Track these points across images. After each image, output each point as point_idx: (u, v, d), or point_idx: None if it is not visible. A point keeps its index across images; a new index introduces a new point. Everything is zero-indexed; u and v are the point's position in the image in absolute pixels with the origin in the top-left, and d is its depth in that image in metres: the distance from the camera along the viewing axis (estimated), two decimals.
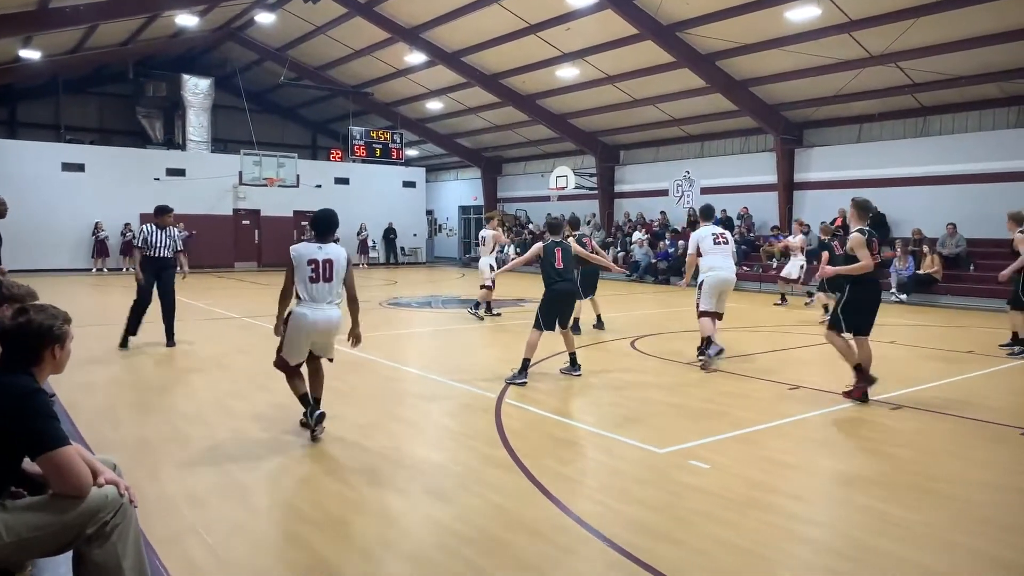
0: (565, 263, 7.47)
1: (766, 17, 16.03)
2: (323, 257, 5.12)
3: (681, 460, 4.92)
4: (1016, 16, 13.76)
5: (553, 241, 7.62)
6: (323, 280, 5.11)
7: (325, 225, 5.25)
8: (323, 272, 5.11)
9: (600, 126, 25.27)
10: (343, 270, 5.20)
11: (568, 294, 7.56)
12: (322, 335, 5.22)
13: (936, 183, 17.86)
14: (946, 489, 4.40)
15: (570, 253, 7.62)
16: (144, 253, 8.95)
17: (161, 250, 9.01)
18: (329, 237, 5.25)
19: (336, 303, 5.23)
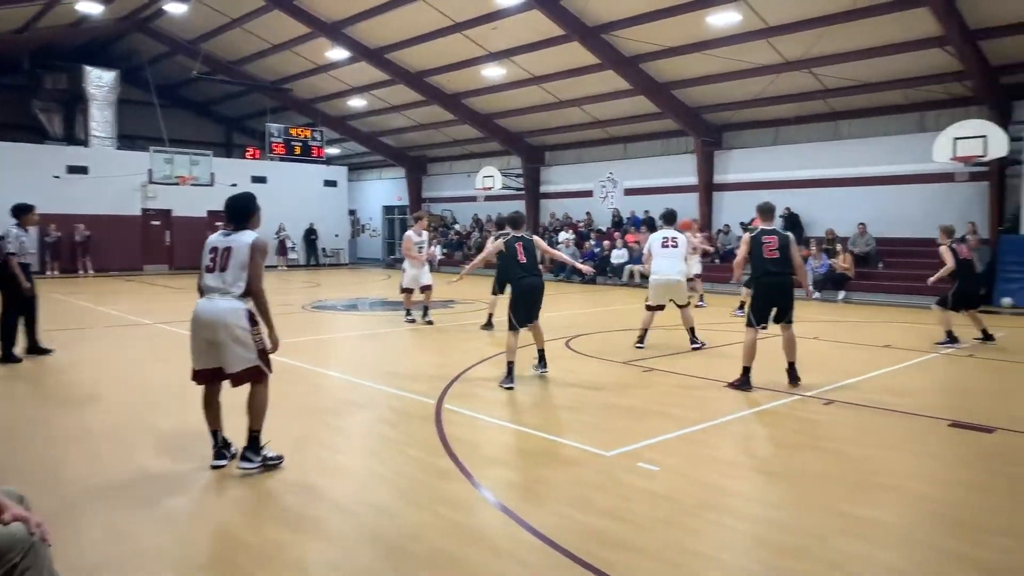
0: (528, 257, 7.34)
1: (689, 21, 16.35)
2: (224, 245, 4.49)
3: (629, 463, 4.83)
4: (919, 27, 14.50)
5: (514, 236, 7.49)
6: (218, 269, 4.46)
7: (231, 210, 4.61)
8: (219, 260, 4.46)
9: (526, 127, 25.27)
10: (244, 258, 4.43)
11: (535, 288, 7.39)
12: (207, 329, 4.41)
13: (847, 185, 18.68)
14: (894, 484, 4.46)
15: (532, 247, 7.45)
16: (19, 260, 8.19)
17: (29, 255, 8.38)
18: (240, 224, 4.57)
19: (230, 294, 4.43)
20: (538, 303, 7.44)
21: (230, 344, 4.38)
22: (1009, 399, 7.18)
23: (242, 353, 4.41)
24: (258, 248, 4.47)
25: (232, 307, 4.41)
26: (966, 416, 6.05)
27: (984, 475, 4.68)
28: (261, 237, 4.54)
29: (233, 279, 4.44)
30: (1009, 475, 4.68)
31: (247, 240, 4.48)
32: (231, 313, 4.40)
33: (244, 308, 4.45)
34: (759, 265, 7.14)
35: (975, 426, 5.74)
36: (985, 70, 15.18)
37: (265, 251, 4.52)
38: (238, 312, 4.42)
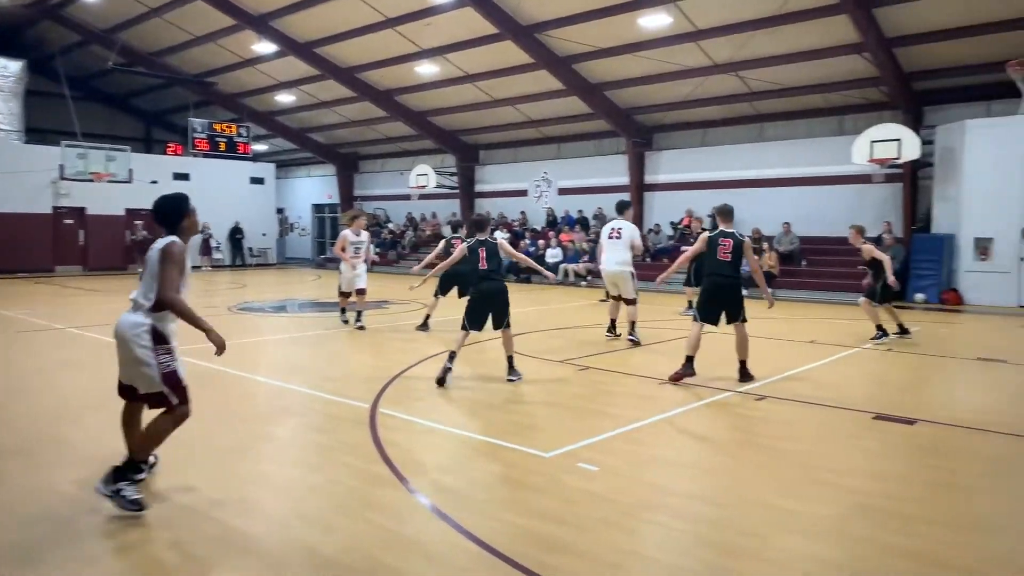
0: (489, 262, 7.31)
1: (621, 23, 16.54)
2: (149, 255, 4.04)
3: (569, 463, 4.78)
4: (839, 34, 15.07)
5: (478, 240, 7.44)
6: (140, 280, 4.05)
7: (157, 213, 4.12)
8: (143, 270, 4.04)
9: (460, 125, 25.12)
10: (155, 267, 3.95)
11: (495, 293, 7.34)
12: (118, 348, 3.99)
13: (772, 185, 19.27)
14: (827, 478, 4.55)
15: (495, 251, 7.40)
16: None
17: None
18: (170, 228, 4.09)
19: (140, 308, 3.95)
20: (497, 307, 7.33)
21: (133, 363, 3.93)
22: (926, 391, 7.51)
23: (146, 373, 3.92)
24: (167, 254, 3.92)
25: (134, 322, 3.93)
26: (889, 409, 6.27)
27: (909, 466, 4.84)
28: (176, 242, 4.00)
29: (145, 290, 3.98)
30: (932, 466, 4.85)
31: (160, 244, 3.99)
32: (131, 328, 3.92)
33: (147, 324, 3.92)
34: (711, 265, 7.31)
35: (897, 418, 5.94)
36: (899, 76, 15.91)
37: (176, 257, 3.94)
38: (138, 328, 3.91)
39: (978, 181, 15.05)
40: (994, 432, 5.61)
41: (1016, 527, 3.89)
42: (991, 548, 3.61)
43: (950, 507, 4.11)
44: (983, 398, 7.13)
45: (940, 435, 5.58)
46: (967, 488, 4.44)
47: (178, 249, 3.98)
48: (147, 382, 3.94)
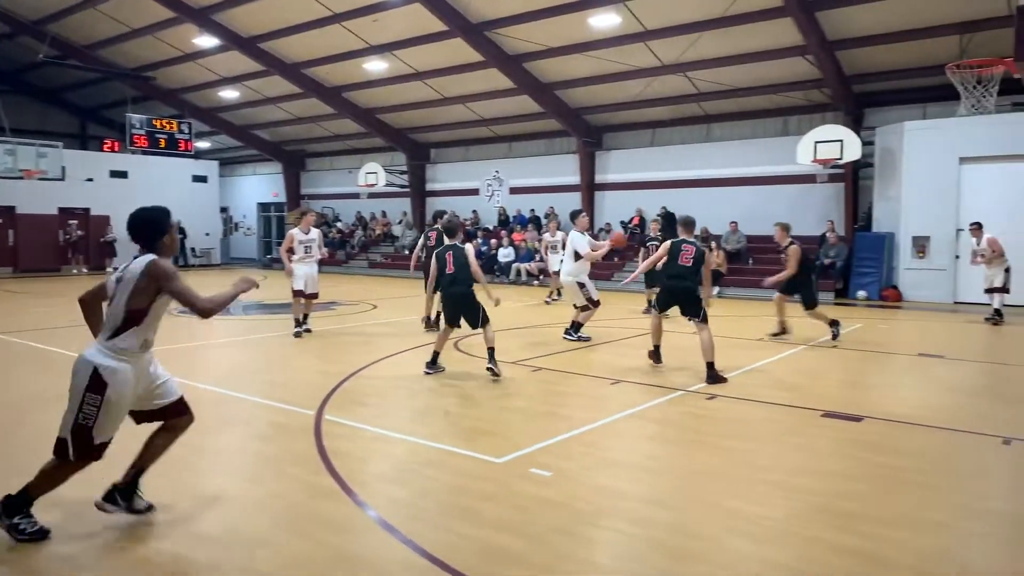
0: (456, 267, 7.41)
1: (570, 22, 16.55)
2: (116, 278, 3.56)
3: (522, 469, 4.68)
4: (784, 36, 15.37)
5: (446, 245, 7.62)
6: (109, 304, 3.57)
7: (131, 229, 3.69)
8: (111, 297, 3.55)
9: (410, 123, 24.83)
10: (127, 288, 3.47)
11: (458, 297, 7.48)
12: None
13: (720, 185, 19.57)
14: (778, 478, 4.55)
15: (463, 257, 7.46)
16: None
17: None
18: (145, 245, 3.62)
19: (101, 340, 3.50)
20: (468, 311, 7.45)
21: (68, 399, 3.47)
22: (871, 388, 7.65)
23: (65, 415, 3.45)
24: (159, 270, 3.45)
25: (84, 358, 3.46)
26: (836, 406, 6.35)
27: (858, 465, 4.88)
28: (160, 259, 3.52)
29: (110, 320, 3.49)
30: (880, 464, 4.90)
31: (140, 267, 3.47)
32: (79, 364, 3.45)
33: (92, 364, 3.42)
34: (671, 268, 7.78)
35: (845, 415, 6.02)
36: (841, 78, 16.31)
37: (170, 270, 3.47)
38: (84, 367, 3.42)
39: (916, 181, 15.53)
40: (936, 427, 5.73)
41: (956, 523, 3.94)
42: (932, 545, 3.64)
43: (895, 505, 4.14)
44: (925, 394, 7.30)
45: (886, 432, 5.67)
46: (912, 484, 4.49)
47: (165, 264, 3.48)
48: (62, 424, 3.45)
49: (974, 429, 5.67)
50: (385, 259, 25.09)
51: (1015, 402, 6.89)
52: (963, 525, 3.91)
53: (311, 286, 10.17)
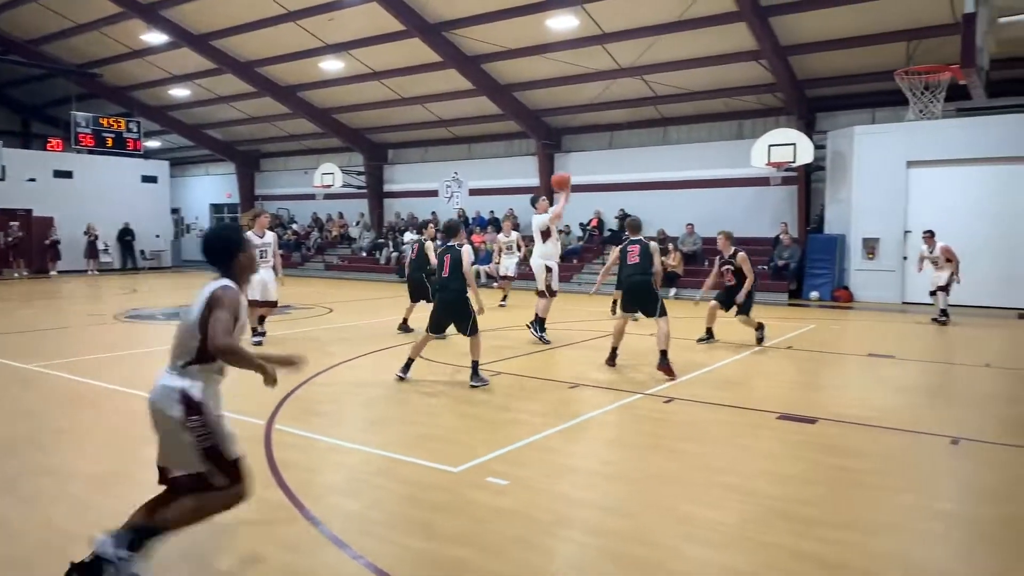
0: (451, 270, 7.14)
1: (529, 24, 16.52)
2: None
3: (478, 478, 4.60)
4: (738, 41, 15.58)
5: (445, 247, 7.33)
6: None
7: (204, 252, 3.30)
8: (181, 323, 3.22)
9: (367, 123, 24.54)
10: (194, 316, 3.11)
11: (447, 304, 7.23)
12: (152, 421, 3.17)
13: (676, 187, 19.76)
14: (734, 482, 4.55)
15: (459, 260, 7.17)
16: None
17: None
18: (221, 268, 3.24)
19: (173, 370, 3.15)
20: (457, 318, 7.22)
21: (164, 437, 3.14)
22: (825, 389, 7.76)
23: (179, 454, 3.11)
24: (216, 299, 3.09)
25: (165, 390, 3.11)
26: (791, 408, 6.41)
27: (813, 468, 4.91)
28: (231, 288, 3.15)
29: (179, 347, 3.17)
30: (834, 466, 4.94)
31: (209, 291, 3.12)
32: (164, 402, 3.10)
33: (178, 389, 3.09)
34: (624, 270, 8.15)
35: (800, 417, 6.08)
36: (794, 83, 16.60)
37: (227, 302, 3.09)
38: (170, 395, 3.09)
39: (865, 184, 15.90)
40: (887, 428, 5.82)
41: (910, 526, 3.98)
42: (888, 549, 3.66)
43: (849, 508, 4.17)
44: (876, 395, 7.41)
45: (839, 433, 5.73)
46: (866, 487, 4.53)
47: (232, 294, 3.13)
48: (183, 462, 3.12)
49: (924, 429, 5.77)
50: (342, 261, 24.74)
51: (962, 402, 7.05)
52: (916, 527, 3.95)
53: (267, 293, 9.56)
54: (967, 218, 14.48)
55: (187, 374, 3.13)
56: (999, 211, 14.53)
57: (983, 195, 14.74)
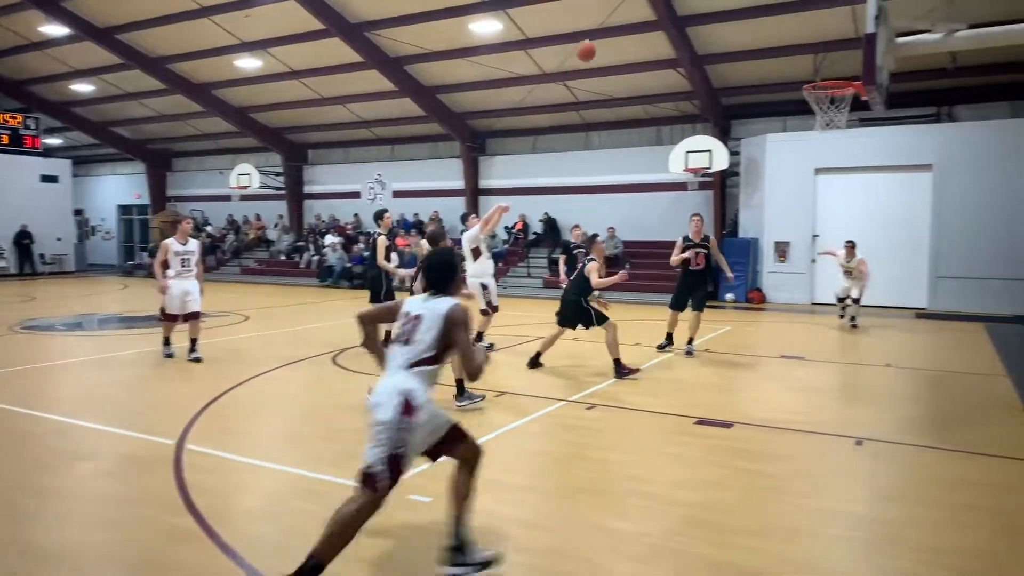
0: None
1: (452, 26, 16.45)
2: (416, 311, 3.48)
3: (400, 496, 4.47)
4: (657, 49, 15.95)
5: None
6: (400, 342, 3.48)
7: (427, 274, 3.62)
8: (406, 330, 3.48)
9: (286, 123, 23.91)
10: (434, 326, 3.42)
11: None
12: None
13: (598, 192, 20.10)
14: (654, 491, 4.63)
15: None
16: None
17: None
18: (442, 288, 3.55)
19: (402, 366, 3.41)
20: None
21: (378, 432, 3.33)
22: (739, 393, 8.00)
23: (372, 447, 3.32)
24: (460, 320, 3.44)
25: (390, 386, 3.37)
26: (708, 412, 6.58)
27: (730, 474, 5.04)
28: (460, 305, 3.49)
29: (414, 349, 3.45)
30: (749, 471, 5.10)
31: (441, 308, 3.44)
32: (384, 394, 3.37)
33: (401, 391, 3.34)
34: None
35: (716, 422, 6.25)
36: (710, 91, 17.14)
37: (469, 323, 3.50)
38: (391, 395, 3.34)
39: (776, 190, 16.58)
40: (798, 431, 6.05)
41: (821, 530, 4.14)
42: (797, 554, 3.80)
43: (764, 514, 4.31)
44: (787, 397, 7.70)
45: (754, 437, 5.92)
46: (780, 492, 4.69)
47: (461, 312, 3.45)
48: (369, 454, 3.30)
49: (831, 431, 6.04)
50: (259, 265, 24.00)
51: (866, 402, 7.41)
52: (827, 531, 4.11)
53: (190, 305, 8.89)
54: (868, 222, 15.28)
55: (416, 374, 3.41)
56: (897, 216, 15.42)
57: (883, 201, 15.61)
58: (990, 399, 7.31)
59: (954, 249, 14.88)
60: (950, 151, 14.94)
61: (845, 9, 13.58)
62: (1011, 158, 14.38)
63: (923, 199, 15.25)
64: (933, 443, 5.74)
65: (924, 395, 7.73)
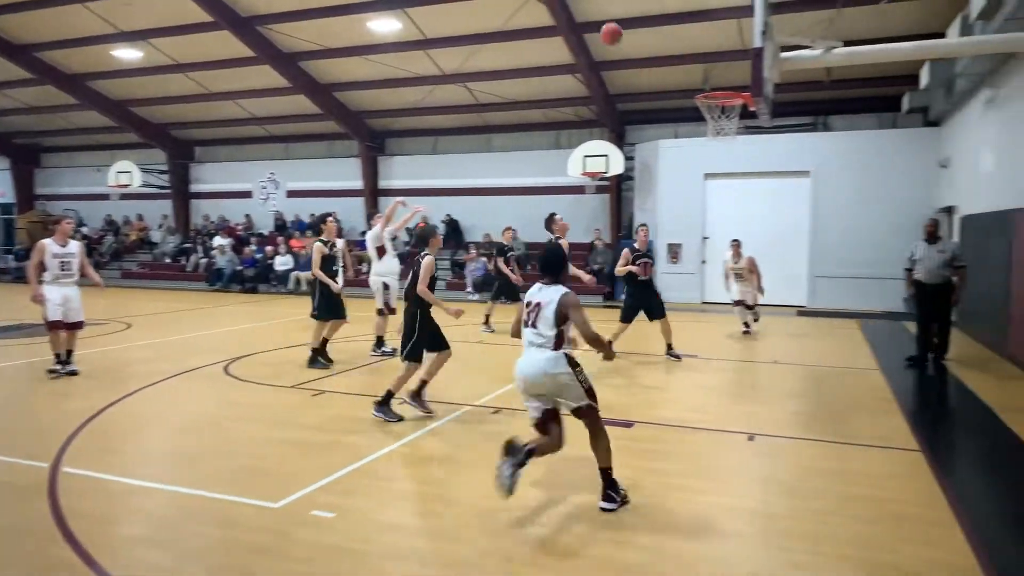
0: (410, 283, 6.48)
1: (350, 24, 16.08)
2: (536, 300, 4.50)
3: (303, 512, 4.34)
4: (556, 54, 16.19)
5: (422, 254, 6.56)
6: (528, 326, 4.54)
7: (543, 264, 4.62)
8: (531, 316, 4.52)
9: (171, 118, 22.66)
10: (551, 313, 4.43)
11: (406, 318, 6.53)
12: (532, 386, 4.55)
13: (500, 194, 20.21)
14: (564, 496, 4.67)
15: (417, 272, 6.45)
16: None
17: None
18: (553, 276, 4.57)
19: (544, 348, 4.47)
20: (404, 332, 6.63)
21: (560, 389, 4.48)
22: (638, 392, 8.20)
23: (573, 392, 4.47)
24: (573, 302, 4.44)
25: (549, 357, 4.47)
26: (609, 412, 6.65)
27: (633, 473, 5.12)
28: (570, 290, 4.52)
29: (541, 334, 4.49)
30: (651, 470, 5.23)
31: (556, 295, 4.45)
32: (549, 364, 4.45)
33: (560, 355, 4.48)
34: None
35: (618, 422, 6.39)
36: (606, 97, 17.57)
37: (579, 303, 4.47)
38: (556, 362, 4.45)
39: (669, 194, 17.20)
40: (694, 428, 6.28)
41: (719, 526, 4.28)
42: (698, 551, 3.92)
43: (666, 513, 4.42)
44: (682, 395, 7.99)
45: (653, 435, 6.10)
46: (681, 490, 4.84)
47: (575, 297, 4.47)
48: (576, 397, 4.43)
49: (726, 427, 6.30)
50: (142, 268, 22.61)
51: (756, 398, 7.79)
52: (725, 527, 4.26)
53: (70, 314, 8.21)
54: (753, 225, 16.11)
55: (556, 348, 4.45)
56: (780, 219, 16.35)
57: (767, 204, 16.51)
58: (866, 392, 7.84)
59: (830, 250, 15.93)
60: (826, 158, 15.98)
61: (732, 22, 14.25)
62: (879, 165, 15.54)
63: (803, 203, 16.23)
64: (817, 436, 6.10)
65: (808, 390, 8.21)
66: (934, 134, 15.24)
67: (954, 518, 4.30)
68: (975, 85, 11.90)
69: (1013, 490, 5.11)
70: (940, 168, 14.71)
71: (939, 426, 7.02)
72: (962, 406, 7.52)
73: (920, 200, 14.74)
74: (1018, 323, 9.24)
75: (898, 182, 15.29)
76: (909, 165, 15.26)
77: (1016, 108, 9.99)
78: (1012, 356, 9.36)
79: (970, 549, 3.89)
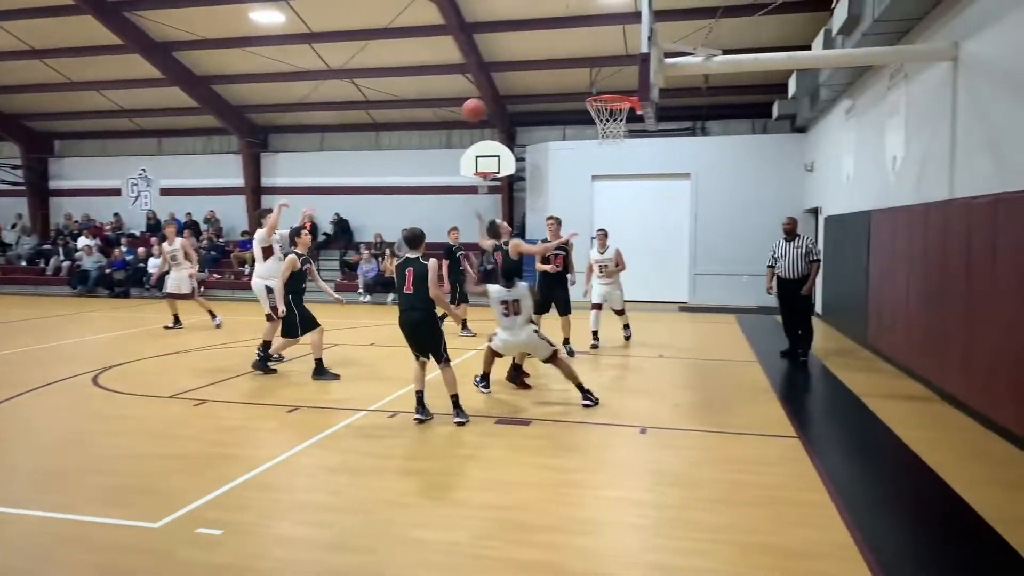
0: (415, 287, 6.16)
1: (229, 14, 15.32)
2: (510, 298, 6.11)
3: (186, 531, 4.08)
4: (446, 54, 16.11)
5: (407, 259, 6.23)
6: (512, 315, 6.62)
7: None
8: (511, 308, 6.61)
9: (24, 108, 20.81)
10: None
11: (411, 326, 6.37)
12: None
13: (391, 193, 19.90)
14: (463, 497, 4.63)
15: (423, 274, 6.16)
16: None
17: None
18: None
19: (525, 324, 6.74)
20: (423, 341, 6.37)
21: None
22: (536, 389, 8.28)
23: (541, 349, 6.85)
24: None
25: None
26: (505, 411, 6.76)
27: (530, 471, 5.18)
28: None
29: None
30: (548, 467, 5.28)
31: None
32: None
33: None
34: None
35: (515, 420, 6.43)
36: (497, 98, 17.66)
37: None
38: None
39: (558, 195, 17.51)
40: (591, 423, 6.41)
41: (616, 519, 4.39)
42: (598, 545, 4.01)
43: (565, 509, 4.48)
44: (575, 390, 8.10)
45: (549, 433, 6.17)
46: (578, 486, 4.92)
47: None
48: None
49: (618, 422, 6.47)
50: None
51: (645, 392, 8.03)
52: (622, 520, 4.36)
53: None
54: (638, 225, 16.68)
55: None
56: (663, 219, 17.01)
57: (651, 205, 17.13)
58: (746, 383, 8.28)
59: (709, 248, 16.73)
60: (704, 161, 16.77)
61: (617, 28, 14.68)
62: (753, 168, 16.47)
63: (683, 204, 16.96)
64: (704, 427, 6.37)
65: (693, 382, 8.56)
66: (801, 140, 16.34)
67: (830, 499, 4.60)
68: (837, 95, 12.84)
69: (881, 471, 5.53)
70: (806, 172, 15.78)
71: (813, 413, 7.51)
72: (832, 394, 8.08)
73: (790, 201, 15.74)
74: (876, 315, 10.05)
75: (769, 184, 16.26)
76: (779, 169, 16.27)
77: (871, 117, 10.86)
78: (872, 346, 10.17)
79: (846, 527, 4.17)
